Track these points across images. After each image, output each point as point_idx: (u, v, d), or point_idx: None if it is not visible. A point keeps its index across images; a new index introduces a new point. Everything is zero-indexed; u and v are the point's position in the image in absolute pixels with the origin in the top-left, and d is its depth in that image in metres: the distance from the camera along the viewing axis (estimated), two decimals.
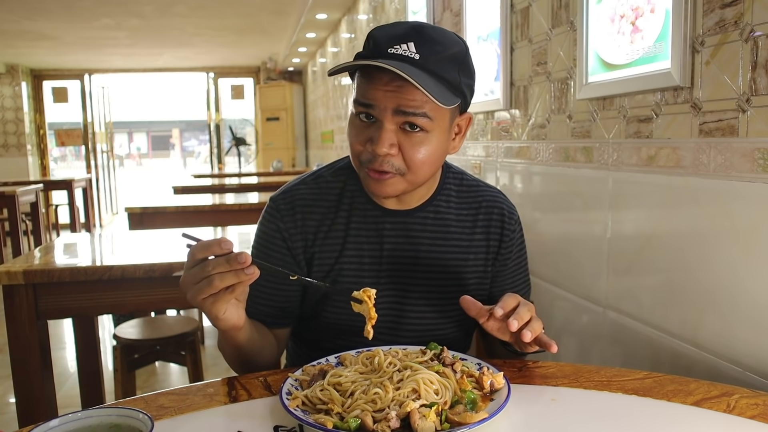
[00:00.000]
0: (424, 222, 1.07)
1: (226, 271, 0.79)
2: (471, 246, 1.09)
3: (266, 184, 5.04)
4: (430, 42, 0.91)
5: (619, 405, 0.85)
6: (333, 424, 0.74)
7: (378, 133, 0.92)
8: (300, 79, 9.49)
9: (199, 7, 5.56)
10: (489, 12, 2.22)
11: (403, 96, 0.90)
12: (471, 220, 1.09)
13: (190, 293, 0.82)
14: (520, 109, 2.02)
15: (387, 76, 0.90)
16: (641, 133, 1.38)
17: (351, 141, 0.97)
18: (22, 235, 5.10)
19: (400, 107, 0.90)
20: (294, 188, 1.08)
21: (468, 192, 1.12)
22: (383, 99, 0.91)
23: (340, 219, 1.05)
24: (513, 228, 1.11)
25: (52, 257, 1.88)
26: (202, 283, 0.80)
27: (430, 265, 1.06)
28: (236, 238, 2.28)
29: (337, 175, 1.09)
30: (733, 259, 1.11)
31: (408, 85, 0.88)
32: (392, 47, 0.90)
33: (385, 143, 0.92)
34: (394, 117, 0.91)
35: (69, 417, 0.68)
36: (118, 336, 2.34)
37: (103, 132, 9.72)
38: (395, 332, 1.06)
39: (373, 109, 0.92)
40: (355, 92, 0.95)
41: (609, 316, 1.53)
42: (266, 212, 1.08)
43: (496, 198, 1.12)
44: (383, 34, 0.93)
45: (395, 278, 1.05)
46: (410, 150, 0.93)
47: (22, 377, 1.73)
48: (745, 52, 1.07)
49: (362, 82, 0.93)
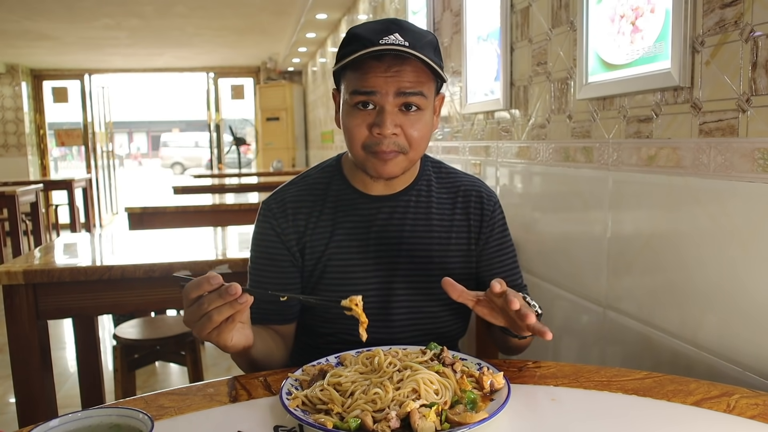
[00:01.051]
0: (407, 205, 1.13)
1: (221, 305, 0.83)
2: (452, 226, 1.14)
3: (266, 184, 5.04)
4: (411, 31, 1.01)
5: (619, 405, 0.85)
6: (333, 424, 0.74)
7: (382, 117, 1.00)
8: (300, 79, 9.49)
9: (199, 7, 5.56)
10: (489, 12, 2.22)
11: (402, 78, 0.99)
12: (450, 202, 1.16)
13: (195, 330, 0.86)
14: (520, 109, 2.02)
15: (385, 64, 0.98)
16: (641, 133, 1.38)
17: (352, 130, 1.03)
18: (22, 235, 5.10)
19: (401, 89, 0.99)
20: (284, 189, 1.16)
21: (446, 178, 1.19)
22: (384, 84, 0.99)
23: (328, 209, 1.12)
24: (492, 209, 1.17)
25: (52, 257, 1.88)
26: (202, 319, 0.84)
27: (415, 244, 1.11)
28: (236, 237, 2.28)
29: (324, 172, 1.17)
30: (733, 259, 1.11)
31: (405, 68, 0.99)
32: (381, 38, 0.98)
33: (390, 124, 1.00)
34: (395, 99, 1.00)
35: (69, 417, 0.68)
36: (118, 336, 2.34)
37: (103, 132, 9.72)
38: (386, 312, 1.10)
39: (375, 96, 1.00)
40: (351, 85, 1.02)
41: (609, 316, 1.53)
42: (260, 214, 1.16)
43: (474, 183, 1.19)
44: (366, 30, 1.01)
45: (382, 260, 1.10)
46: (410, 128, 1.02)
47: (22, 377, 1.73)
48: (745, 52, 1.07)
49: (358, 74, 1.00)
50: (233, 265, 1.80)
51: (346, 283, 1.09)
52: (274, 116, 8.93)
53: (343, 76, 1.05)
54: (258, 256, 1.14)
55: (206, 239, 2.29)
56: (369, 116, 1.02)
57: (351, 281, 1.10)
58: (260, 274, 1.13)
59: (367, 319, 0.93)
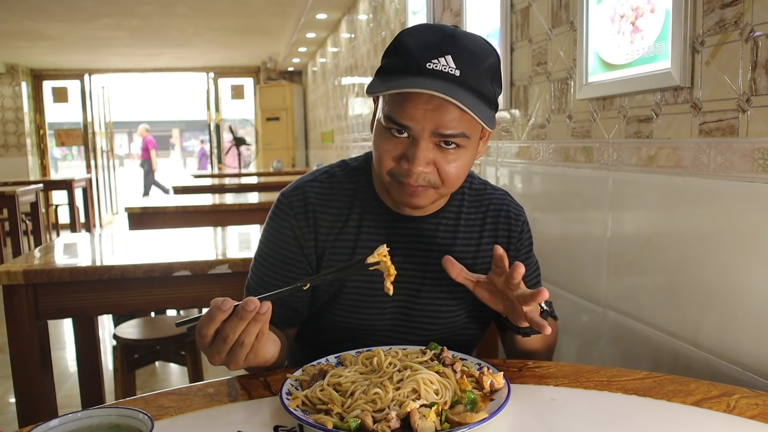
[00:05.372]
0: (436, 229, 1.06)
1: (246, 326, 0.77)
2: (479, 251, 1.08)
3: (266, 184, 5.04)
4: (468, 54, 0.88)
5: (619, 405, 0.85)
6: (333, 424, 0.74)
7: (414, 151, 0.89)
8: (300, 79, 9.49)
9: (199, 7, 5.56)
10: (489, 12, 2.22)
11: (442, 117, 0.87)
12: (479, 225, 1.09)
13: (230, 365, 0.81)
14: (520, 109, 2.02)
15: (425, 96, 0.86)
16: (641, 133, 1.38)
17: (381, 155, 0.93)
18: (22, 235, 5.10)
19: (439, 129, 0.88)
20: (307, 184, 1.06)
21: (476, 196, 1.11)
22: (422, 120, 0.87)
23: (352, 222, 1.04)
24: (520, 229, 1.11)
25: (52, 257, 1.88)
26: (233, 349, 0.78)
27: (439, 271, 1.04)
28: (236, 237, 2.28)
29: (351, 176, 1.07)
30: (733, 259, 1.11)
31: (448, 104, 0.86)
32: (430, 61, 0.86)
33: (421, 162, 0.90)
34: (432, 137, 0.89)
35: (69, 417, 0.68)
36: (118, 336, 2.34)
37: (103, 132, 9.72)
38: (403, 338, 1.06)
39: (411, 130, 0.89)
40: (387, 107, 0.91)
41: (609, 316, 1.53)
42: (277, 208, 1.05)
43: (503, 201, 1.12)
44: (416, 43, 0.89)
45: (404, 284, 1.03)
46: (446, 166, 0.92)
47: (22, 377, 1.73)
48: (745, 52, 1.07)
49: (397, 99, 0.89)
50: (233, 265, 1.80)
51: (364, 306, 1.03)
52: (274, 116, 8.94)
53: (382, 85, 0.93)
54: (269, 255, 1.05)
55: (206, 239, 2.29)
56: (400, 145, 0.91)
57: (370, 304, 1.03)
58: (268, 274, 1.05)
59: (384, 343, 0.88)
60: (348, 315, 1.04)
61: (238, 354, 0.78)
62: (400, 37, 0.91)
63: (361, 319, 1.04)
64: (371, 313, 1.04)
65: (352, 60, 5.33)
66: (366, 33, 4.71)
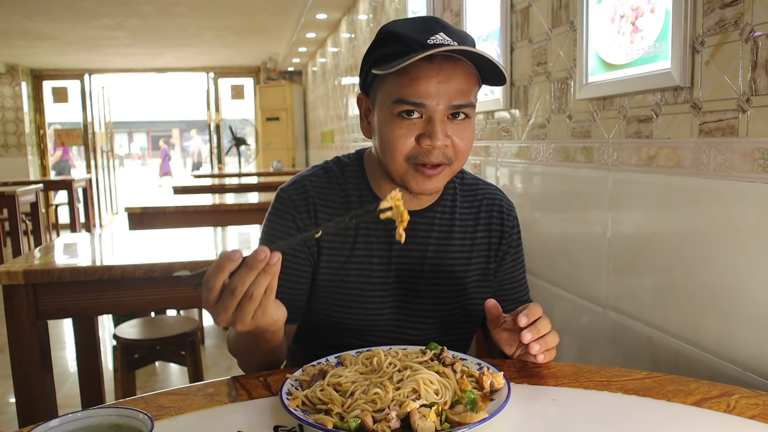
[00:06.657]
0: (432, 222, 1.08)
1: (255, 277, 0.73)
2: (474, 244, 1.10)
3: (266, 184, 5.04)
4: (455, 31, 0.93)
5: (619, 405, 0.85)
6: (333, 424, 0.74)
7: (432, 127, 0.92)
8: (300, 79, 9.49)
9: (199, 7, 5.56)
10: (489, 12, 2.22)
11: (454, 88, 0.91)
12: (473, 218, 1.11)
13: (237, 323, 0.76)
14: (520, 109, 2.02)
15: (436, 66, 0.90)
16: (641, 133, 1.38)
17: (394, 142, 0.94)
18: (22, 235, 5.10)
19: (452, 101, 0.92)
20: (305, 179, 1.07)
21: (469, 191, 1.14)
22: (436, 94, 0.91)
23: None
24: (512, 224, 1.14)
25: (52, 257, 1.88)
26: (241, 304, 0.75)
27: (436, 265, 1.07)
28: (236, 238, 2.29)
29: (346, 173, 1.08)
30: (733, 259, 1.11)
31: (456, 72, 0.91)
32: (429, 38, 0.90)
33: (442, 135, 0.92)
34: (446, 109, 0.92)
35: (69, 417, 0.68)
36: (118, 336, 2.34)
37: (103, 132, 9.72)
38: (401, 334, 1.07)
39: (424, 107, 0.92)
40: (397, 90, 0.92)
41: (609, 316, 1.53)
42: (277, 203, 1.06)
43: (495, 195, 1.15)
44: (407, 29, 0.92)
45: (402, 279, 1.06)
46: (458, 138, 0.95)
47: (22, 377, 1.73)
48: (745, 52, 1.07)
49: (405, 80, 0.91)
50: None
51: (363, 301, 1.04)
52: (274, 116, 8.94)
53: (379, 80, 0.96)
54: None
55: (206, 239, 2.29)
56: (416, 126, 0.93)
57: (368, 299, 1.04)
58: None
59: (383, 337, 0.89)
60: (347, 310, 1.05)
61: (246, 309, 0.74)
62: (387, 28, 0.95)
63: (361, 315, 1.05)
64: (370, 308, 1.05)
65: (352, 60, 5.32)
66: (366, 33, 4.71)
